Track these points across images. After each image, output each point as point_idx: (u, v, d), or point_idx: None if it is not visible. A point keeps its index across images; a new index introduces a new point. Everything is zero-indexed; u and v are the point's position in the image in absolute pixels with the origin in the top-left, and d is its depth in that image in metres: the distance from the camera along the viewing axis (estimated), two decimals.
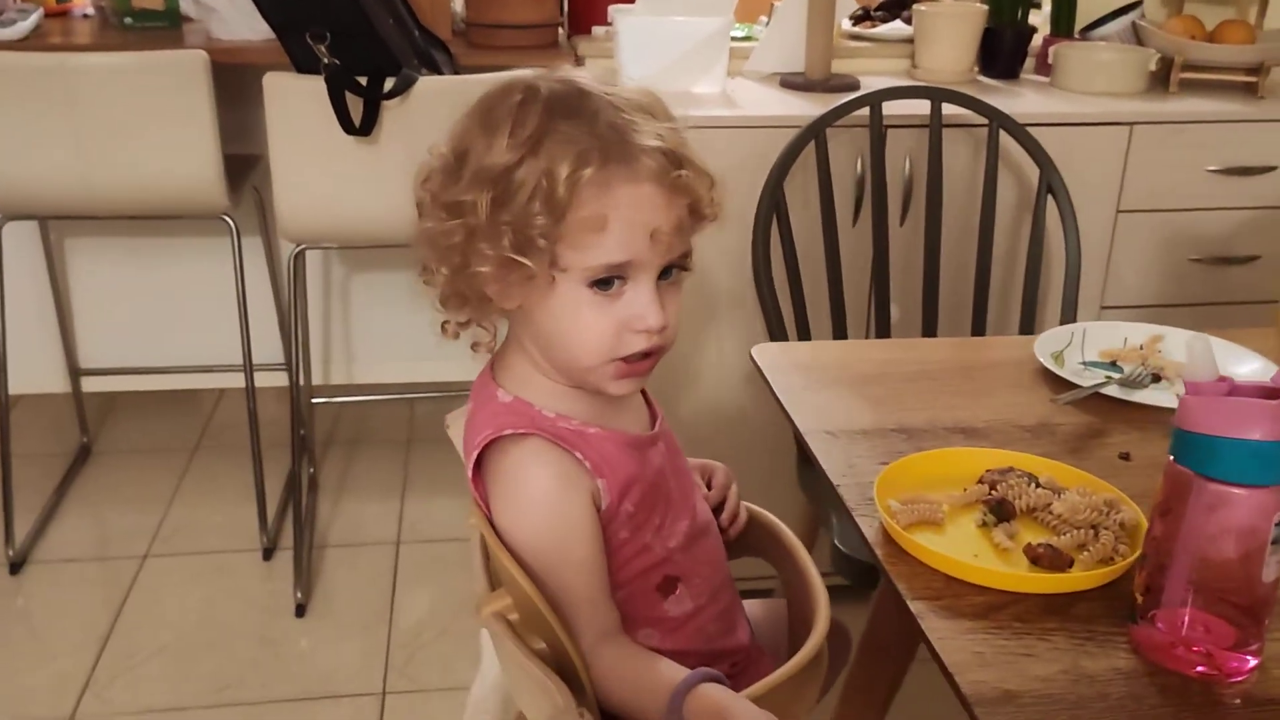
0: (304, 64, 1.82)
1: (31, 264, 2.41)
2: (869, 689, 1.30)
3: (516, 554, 0.87)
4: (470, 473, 0.89)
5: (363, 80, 1.78)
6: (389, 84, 1.79)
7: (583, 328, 0.86)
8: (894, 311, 1.84)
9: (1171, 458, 0.80)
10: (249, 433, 2.21)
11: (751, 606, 1.09)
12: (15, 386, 2.52)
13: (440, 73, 1.94)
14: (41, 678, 1.89)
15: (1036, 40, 2.22)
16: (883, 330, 1.76)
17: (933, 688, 2.02)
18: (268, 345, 2.49)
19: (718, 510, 1.05)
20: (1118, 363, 1.28)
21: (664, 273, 0.88)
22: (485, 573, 0.90)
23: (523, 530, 0.88)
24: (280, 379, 2.62)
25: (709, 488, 1.06)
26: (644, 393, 1.01)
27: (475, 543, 0.94)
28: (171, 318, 2.56)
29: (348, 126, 1.79)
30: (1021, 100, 2.01)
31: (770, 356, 1.28)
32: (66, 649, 1.97)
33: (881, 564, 0.91)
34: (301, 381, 2.52)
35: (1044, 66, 2.19)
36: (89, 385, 2.57)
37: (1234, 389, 0.78)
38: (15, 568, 2.16)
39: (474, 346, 0.94)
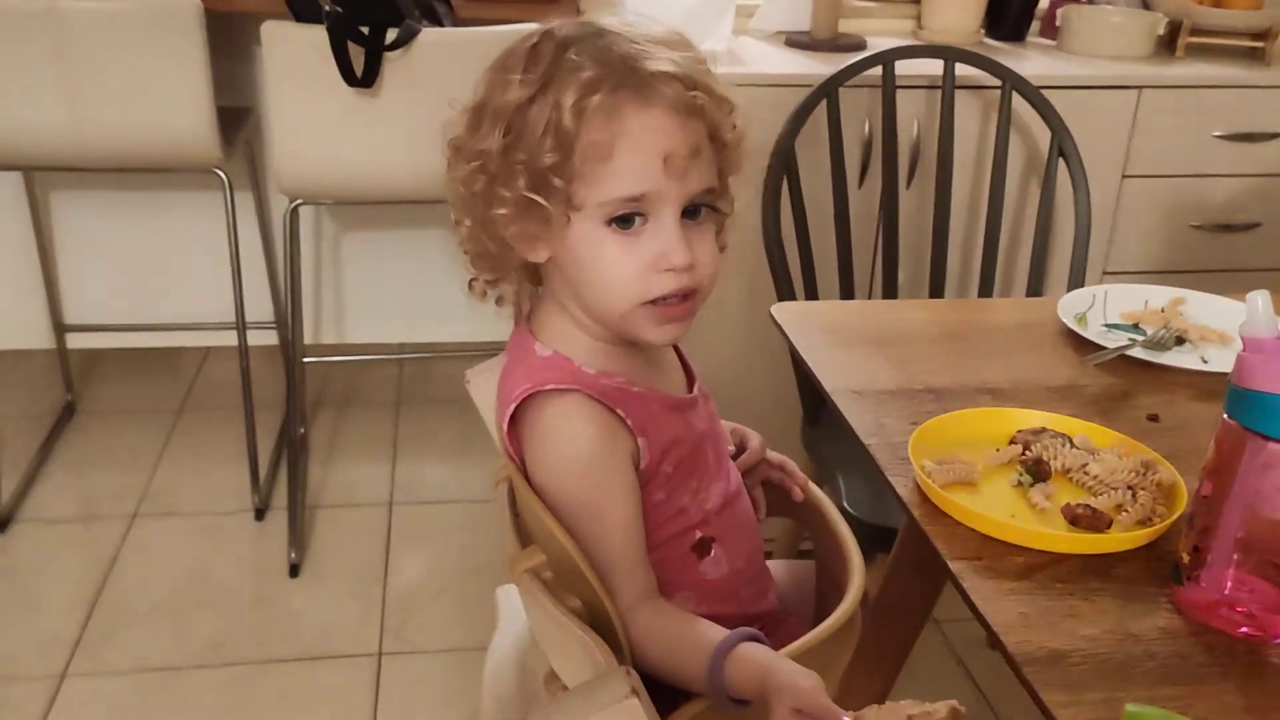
0: (303, 13, 1.77)
1: (16, 216, 2.35)
2: (879, 652, 1.29)
3: (553, 511, 0.85)
4: (505, 426, 0.87)
5: (365, 30, 1.73)
6: (391, 35, 1.75)
7: (607, 268, 0.84)
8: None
9: (1226, 415, 0.78)
10: (241, 392, 2.18)
11: (775, 567, 1.08)
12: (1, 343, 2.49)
13: (441, 24, 1.90)
14: (31, 637, 1.86)
15: (1044, 2, 2.20)
16: (889, 292, 1.74)
17: (942, 652, 2.03)
18: (256, 303, 2.44)
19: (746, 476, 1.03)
20: (1140, 325, 1.27)
21: (692, 213, 0.85)
22: (514, 530, 0.88)
23: (561, 487, 0.86)
24: (268, 338, 2.58)
25: (743, 449, 1.04)
26: (681, 356, 0.98)
27: (502, 500, 0.92)
28: (159, 274, 2.51)
29: (349, 78, 1.74)
30: (1028, 63, 1.99)
31: (791, 315, 1.26)
32: (56, 609, 1.94)
33: (919, 524, 0.90)
34: (293, 339, 2.48)
35: (1050, 29, 2.17)
36: (74, 342, 2.52)
37: None
38: (1, 527, 2.12)
39: (498, 302, 0.92)
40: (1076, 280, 1.71)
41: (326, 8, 1.69)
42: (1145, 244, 2.01)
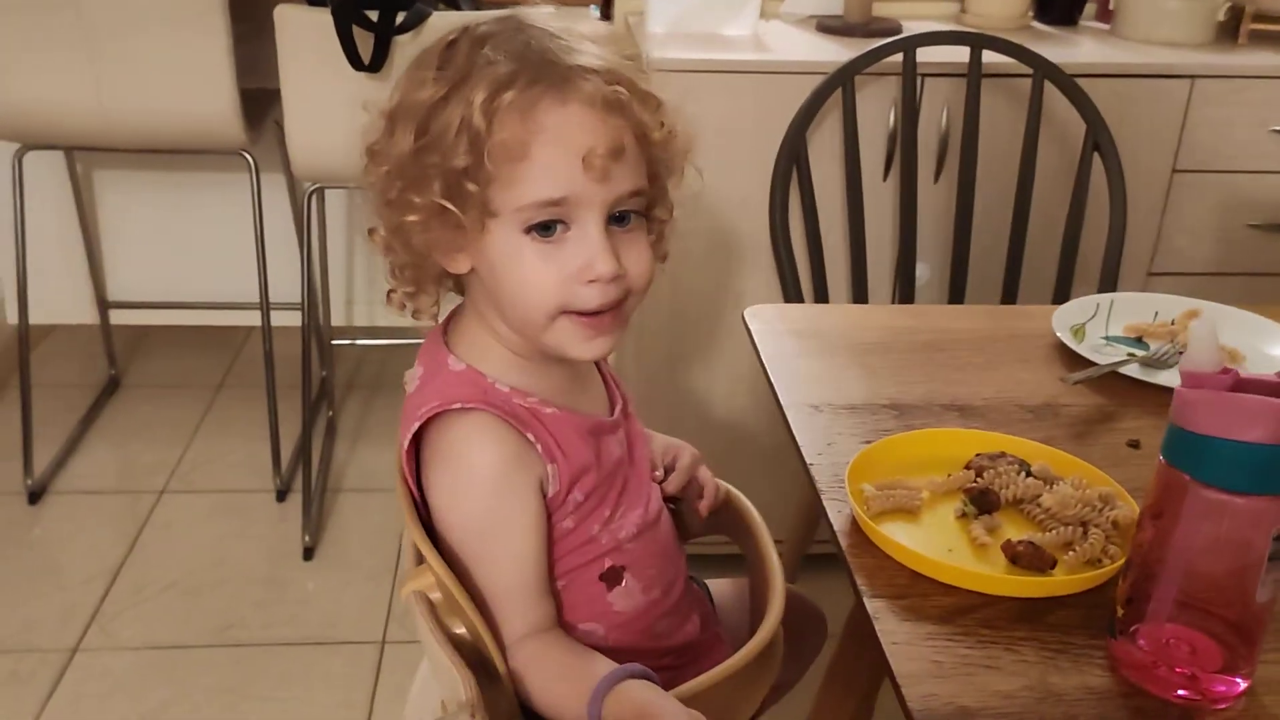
0: None
1: (61, 195, 2.39)
2: (852, 673, 1.22)
3: (450, 535, 0.81)
4: (406, 443, 0.83)
5: (373, 14, 1.71)
6: (401, 18, 1.72)
7: (524, 278, 0.78)
8: (922, 272, 1.74)
9: (1162, 458, 0.71)
10: (264, 372, 2.19)
11: (719, 585, 1.02)
12: (46, 317, 2.53)
13: (458, 8, 1.86)
14: (49, 608, 1.90)
15: None
16: (906, 294, 1.66)
17: None
18: (294, 285, 2.44)
19: (677, 497, 0.98)
20: (1144, 339, 1.18)
21: (620, 219, 0.80)
22: (412, 548, 0.84)
23: (460, 512, 0.82)
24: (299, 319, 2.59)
25: (672, 469, 0.98)
26: (604, 375, 0.93)
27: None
28: (200, 253, 2.54)
29: (356, 62, 1.72)
30: (1076, 49, 1.88)
31: (764, 319, 1.20)
32: (77, 580, 1.97)
33: (844, 555, 0.84)
34: (322, 322, 2.48)
35: (1105, 13, 2.05)
36: (117, 318, 2.56)
37: (1239, 382, 0.69)
38: (34, 497, 2.17)
39: (415, 314, 0.86)
40: (1109, 284, 1.61)
41: None
42: (1196, 244, 1.89)
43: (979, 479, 0.90)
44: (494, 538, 0.81)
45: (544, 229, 0.78)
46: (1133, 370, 1.09)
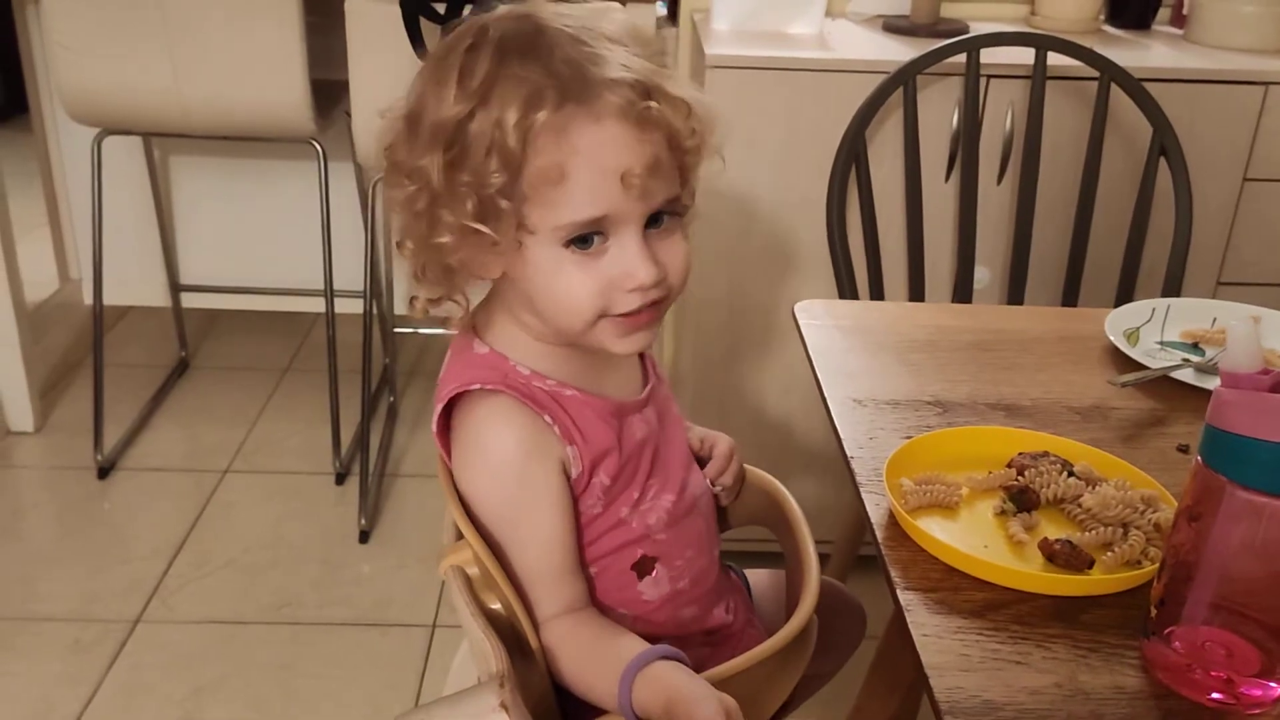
0: None
1: (137, 180, 2.46)
2: (895, 670, 1.22)
3: (478, 518, 0.82)
4: (435, 425, 0.84)
5: (440, 7, 1.73)
6: (467, 11, 1.74)
7: (565, 289, 0.78)
8: (982, 276, 1.72)
9: (1199, 458, 0.70)
10: (327, 358, 2.23)
11: (757, 576, 1.03)
12: (121, 299, 2.61)
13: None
14: (115, 581, 1.95)
15: None
16: (964, 297, 1.65)
17: None
18: (360, 272, 2.49)
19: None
20: (1200, 345, 1.16)
21: (654, 220, 0.80)
22: (453, 524, 0.86)
23: (482, 495, 0.83)
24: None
25: (709, 458, 0.99)
26: (643, 355, 0.93)
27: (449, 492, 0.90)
28: (269, 239, 2.59)
29: (421, 53, 1.75)
30: (1148, 53, 1.85)
31: (814, 314, 1.20)
32: (141, 554, 2.03)
33: (880, 548, 0.84)
34: (385, 309, 2.53)
35: (1179, 18, 2.01)
36: (188, 301, 2.63)
37: (1278, 383, 0.68)
38: (103, 473, 2.24)
39: (445, 322, 0.86)
40: (1173, 291, 1.59)
41: None
42: (1269, 253, 1.85)
43: (1020, 477, 0.90)
44: (520, 523, 0.82)
45: (583, 242, 0.78)
46: (1186, 375, 1.08)
